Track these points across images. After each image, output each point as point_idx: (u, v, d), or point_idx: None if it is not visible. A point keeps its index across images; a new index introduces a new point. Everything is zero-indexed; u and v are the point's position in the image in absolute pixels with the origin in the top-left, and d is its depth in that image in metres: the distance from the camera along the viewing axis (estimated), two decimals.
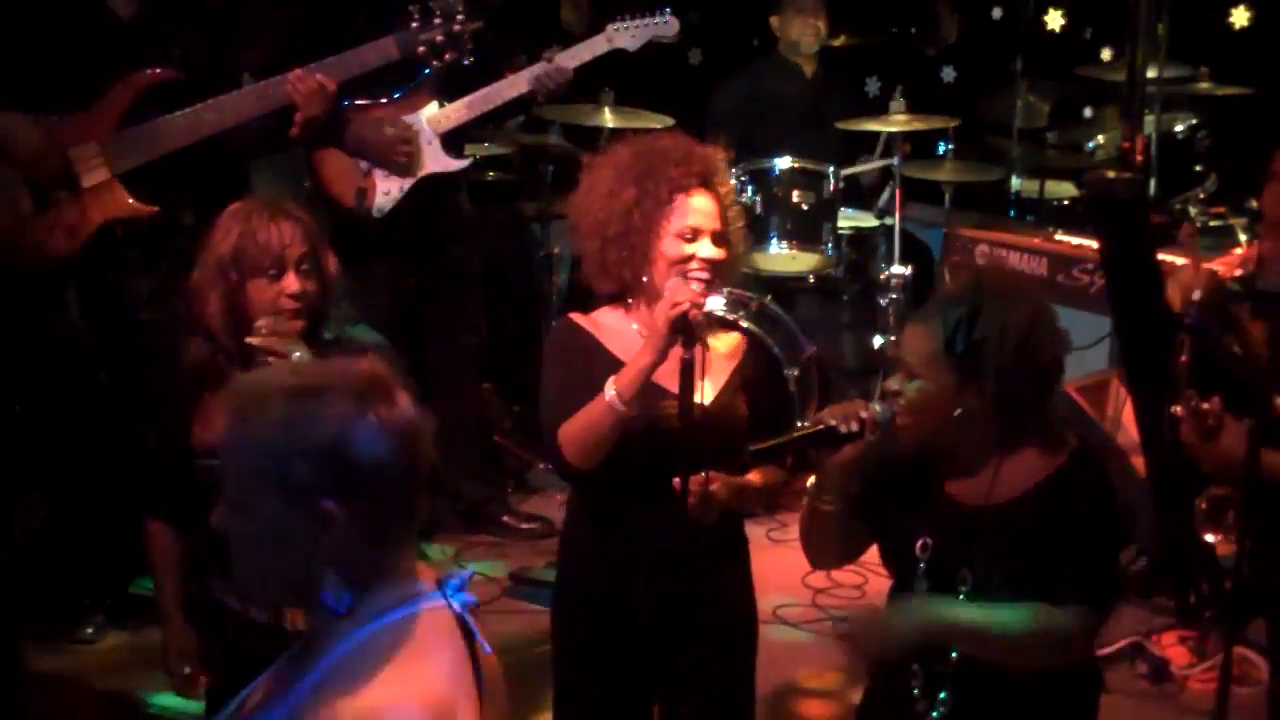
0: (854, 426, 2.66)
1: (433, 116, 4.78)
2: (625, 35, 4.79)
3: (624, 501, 3.02)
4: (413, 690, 1.84)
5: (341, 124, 4.62)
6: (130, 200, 4.11)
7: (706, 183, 3.00)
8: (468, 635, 1.93)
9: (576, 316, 3.11)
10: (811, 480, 2.80)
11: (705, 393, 2.98)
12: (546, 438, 3.02)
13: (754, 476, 3.06)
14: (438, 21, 4.17)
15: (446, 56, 4.05)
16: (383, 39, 4.12)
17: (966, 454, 2.67)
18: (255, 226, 3.00)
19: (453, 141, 4.85)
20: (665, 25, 4.80)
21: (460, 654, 1.91)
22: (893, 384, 2.68)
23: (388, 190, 4.79)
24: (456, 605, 1.94)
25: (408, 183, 4.79)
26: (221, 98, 4.10)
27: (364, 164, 4.79)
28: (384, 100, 4.75)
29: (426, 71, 4.57)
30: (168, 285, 3.92)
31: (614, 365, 2.96)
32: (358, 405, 1.87)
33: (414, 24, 4.15)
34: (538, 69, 4.73)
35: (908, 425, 2.65)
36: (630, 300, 3.06)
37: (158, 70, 4.11)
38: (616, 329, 3.06)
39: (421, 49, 3.93)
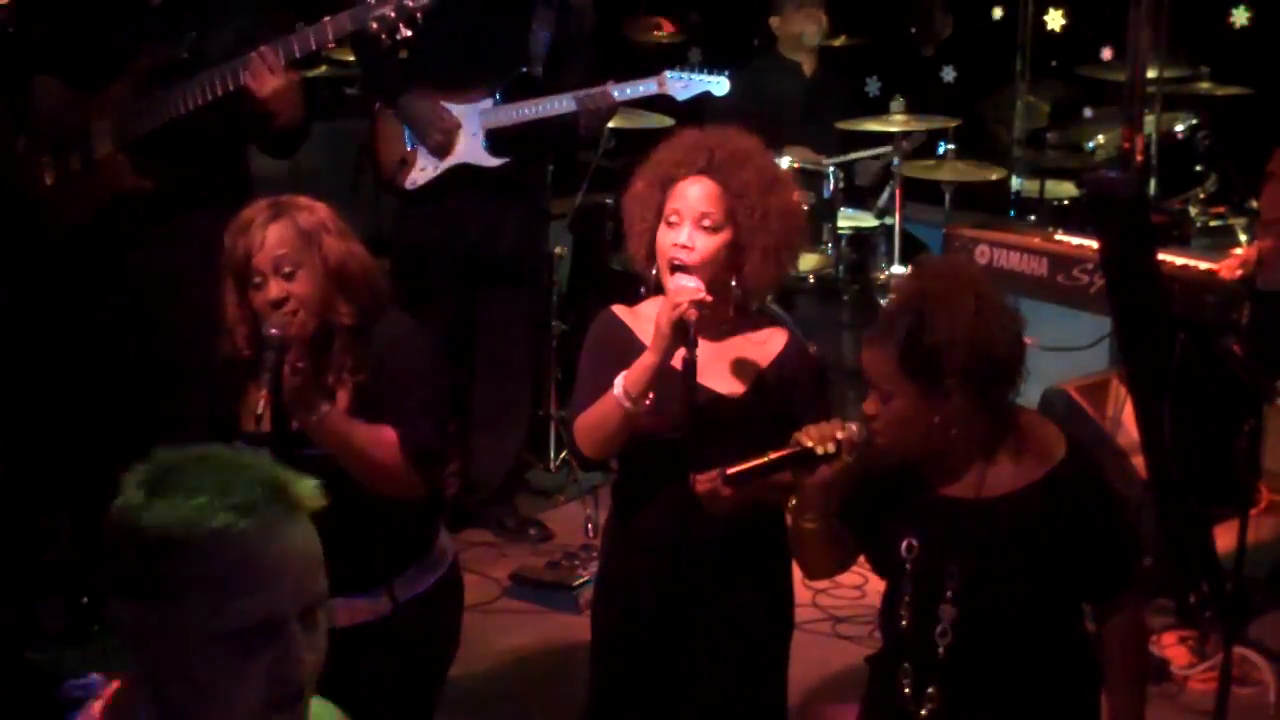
0: (830, 448, 2.65)
1: (484, 111, 4.98)
2: (677, 85, 4.91)
3: (647, 495, 3.05)
4: None
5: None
6: (131, 174, 4.23)
7: (711, 170, 2.95)
8: None
9: (618, 309, 3.13)
10: (793, 502, 2.80)
11: (735, 385, 2.99)
12: (568, 426, 3.11)
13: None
14: None
15: (400, 33, 4.12)
16: (339, 14, 4.16)
17: (954, 457, 2.65)
18: (237, 234, 2.96)
19: (501, 141, 4.99)
20: (717, 85, 4.90)
21: None
22: (869, 407, 2.65)
23: (424, 167, 5.05)
24: None
25: (443, 165, 5.02)
26: (198, 76, 4.13)
27: (410, 137, 5.06)
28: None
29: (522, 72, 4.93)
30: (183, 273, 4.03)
31: None
32: None
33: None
34: (585, 92, 4.88)
35: (891, 444, 2.64)
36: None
37: (162, 51, 4.19)
38: (652, 318, 3.02)
39: (374, 24, 3.99)
